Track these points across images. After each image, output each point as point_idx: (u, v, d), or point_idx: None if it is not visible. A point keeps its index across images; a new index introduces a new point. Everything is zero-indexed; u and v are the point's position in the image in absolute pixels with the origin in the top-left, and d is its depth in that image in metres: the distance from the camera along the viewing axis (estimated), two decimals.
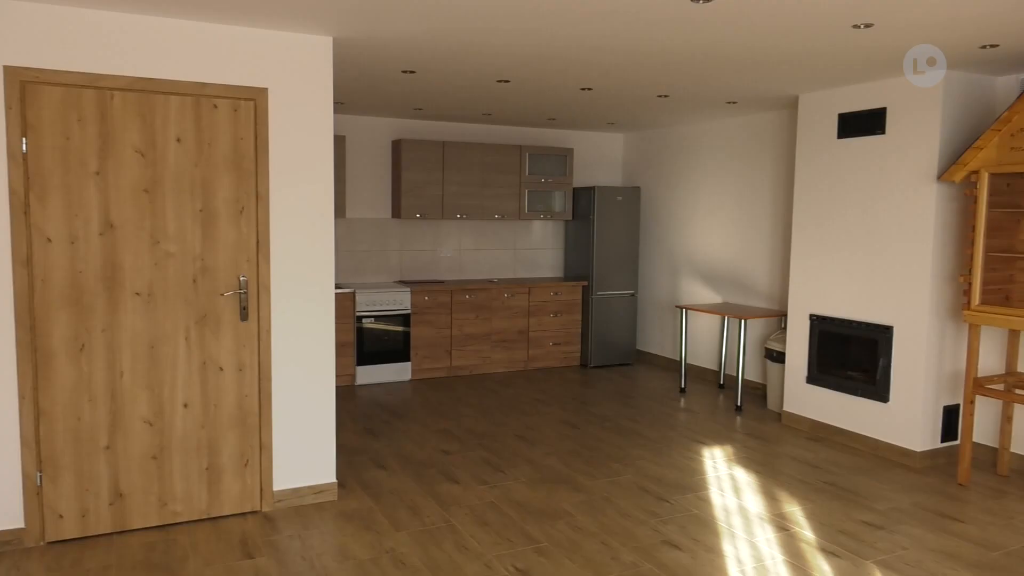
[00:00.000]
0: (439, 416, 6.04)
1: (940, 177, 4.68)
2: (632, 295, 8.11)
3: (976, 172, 4.43)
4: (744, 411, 6.32)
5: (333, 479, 4.28)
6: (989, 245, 4.51)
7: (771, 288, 6.79)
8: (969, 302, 4.48)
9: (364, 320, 7.00)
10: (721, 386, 7.18)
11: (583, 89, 5.62)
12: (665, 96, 5.91)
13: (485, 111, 6.88)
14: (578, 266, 8.16)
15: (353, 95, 6.06)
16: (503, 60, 4.62)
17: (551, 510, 4.14)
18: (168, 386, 3.84)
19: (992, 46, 4.09)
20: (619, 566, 3.48)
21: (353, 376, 7.06)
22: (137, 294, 3.73)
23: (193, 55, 3.74)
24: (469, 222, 7.97)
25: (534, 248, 8.37)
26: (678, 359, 7.85)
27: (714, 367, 7.46)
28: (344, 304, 6.92)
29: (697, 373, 7.65)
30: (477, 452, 5.14)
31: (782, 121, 6.65)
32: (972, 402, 4.56)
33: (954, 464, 5.02)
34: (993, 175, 4.44)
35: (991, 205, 4.50)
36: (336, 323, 6.88)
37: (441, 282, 7.59)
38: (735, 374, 7.22)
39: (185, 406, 3.88)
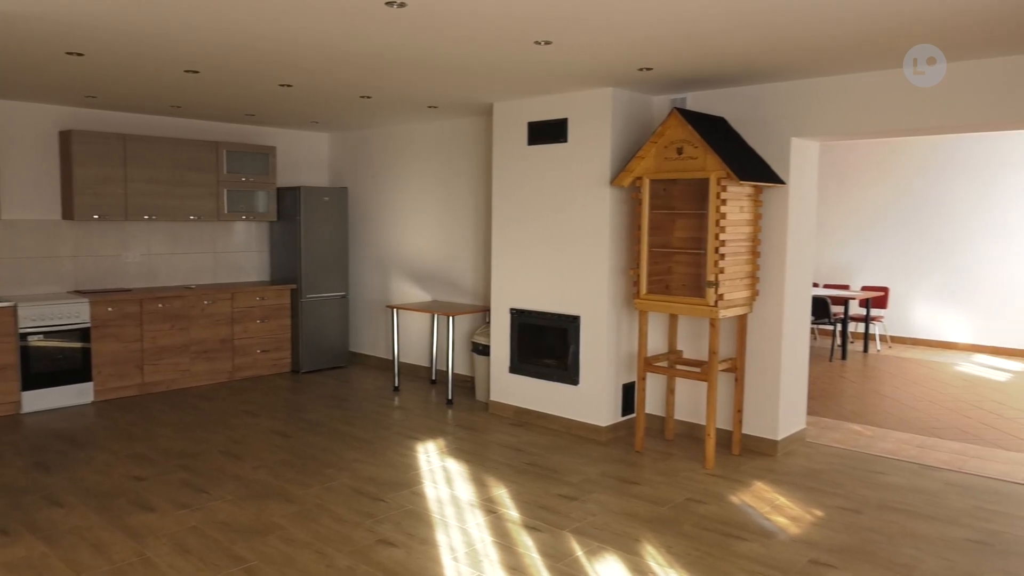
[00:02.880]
0: (130, 439, 5.44)
1: (612, 182, 5.28)
2: (343, 297, 8.02)
3: (640, 178, 5.08)
4: (455, 404, 6.58)
5: None
6: (652, 242, 5.19)
7: (476, 285, 7.15)
8: (638, 292, 5.13)
9: (30, 337, 6.06)
10: (433, 381, 7.40)
11: (282, 85, 5.42)
12: (368, 97, 5.93)
13: (173, 103, 6.33)
14: (285, 268, 7.87)
15: (6, 76, 5.20)
16: (189, 48, 4.29)
17: (261, 526, 3.94)
18: None
19: (648, 69, 4.71)
20: (335, 573, 3.42)
21: (18, 403, 6.08)
22: None
23: None
24: (160, 224, 7.28)
25: (236, 251, 7.89)
26: (391, 358, 7.93)
27: (426, 363, 7.66)
28: (2, 320, 5.92)
29: (410, 370, 7.80)
30: (176, 474, 4.72)
31: (480, 127, 7.03)
32: (644, 379, 5.22)
33: (632, 434, 5.72)
34: (653, 181, 5.12)
35: (652, 207, 5.19)
36: None
37: (128, 290, 6.84)
38: (446, 369, 7.49)
39: None
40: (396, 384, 7.14)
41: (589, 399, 5.64)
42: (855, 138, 5.15)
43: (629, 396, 5.77)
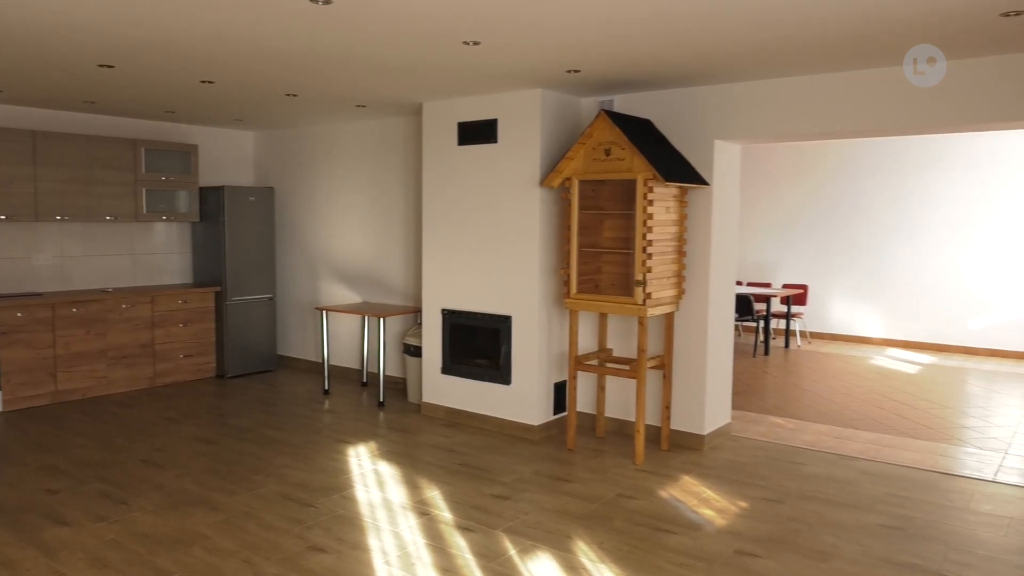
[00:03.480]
0: (42, 451, 5.18)
1: (542, 183, 5.32)
2: (270, 299, 7.84)
3: (569, 179, 5.13)
4: (386, 406, 6.51)
5: None
6: (581, 242, 5.26)
7: (407, 286, 7.10)
8: (569, 291, 5.18)
9: None
10: (364, 384, 7.31)
11: (203, 82, 5.26)
12: (294, 95, 5.81)
13: (87, 99, 6.07)
14: (209, 271, 7.64)
15: None
16: (104, 42, 4.11)
17: (185, 536, 3.82)
18: None
19: (575, 71, 4.77)
20: None
21: None
22: None
23: None
24: (74, 224, 6.96)
25: (157, 252, 7.62)
26: (321, 361, 7.79)
27: (357, 366, 7.56)
28: None
29: (341, 373, 7.68)
30: (93, 486, 4.52)
31: (410, 126, 6.98)
32: (575, 377, 5.28)
33: (564, 433, 5.77)
34: (582, 182, 5.19)
35: (582, 207, 5.26)
36: None
37: (39, 294, 6.52)
38: (377, 371, 7.40)
39: None
40: (326, 387, 7.02)
41: (521, 398, 5.66)
42: (774, 141, 5.33)
43: (560, 395, 5.82)
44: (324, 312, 6.94)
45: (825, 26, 3.64)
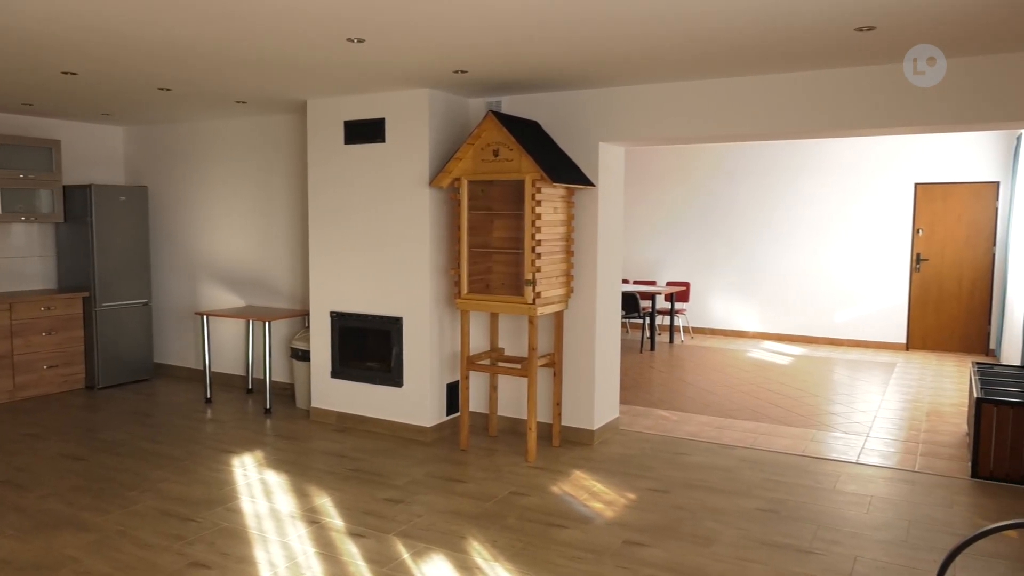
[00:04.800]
0: None
1: (431, 183, 5.29)
2: (145, 304, 7.42)
3: (458, 179, 5.13)
4: (274, 413, 6.30)
5: None
6: (472, 242, 5.27)
7: (293, 288, 6.89)
8: (460, 291, 5.18)
9: None
10: (250, 391, 7.04)
11: (65, 73, 4.91)
12: (167, 90, 5.52)
13: None
14: (76, 275, 7.15)
15: None
16: None
17: (51, 560, 3.55)
18: None
19: (463, 72, 4.77)
20: None
21: None
22: None
23: None
24: None
25: (15, 256, 7.05)
26: (202, 368, 7.45)
27: (241, 372, 7.27)
28: None
29: (224, 380, 7.36)
30: None
31: (294, 124, 6.77)
32: (467, 377, 5.28)
33: (457, 433, 5.77)
34: (471, 182, 5.19)
35: (471, 208, 5.26)
36: None
37: None
38: (263, 377, 7.15)
39: None
40: (208, 395, 6.71)
41: (413, 400, 5.61)
42: (655, 143, 5.52)
43: (453, 395, 5.81)
44: (205, 317, 6.63)
45: (698, 37, 3.80)
